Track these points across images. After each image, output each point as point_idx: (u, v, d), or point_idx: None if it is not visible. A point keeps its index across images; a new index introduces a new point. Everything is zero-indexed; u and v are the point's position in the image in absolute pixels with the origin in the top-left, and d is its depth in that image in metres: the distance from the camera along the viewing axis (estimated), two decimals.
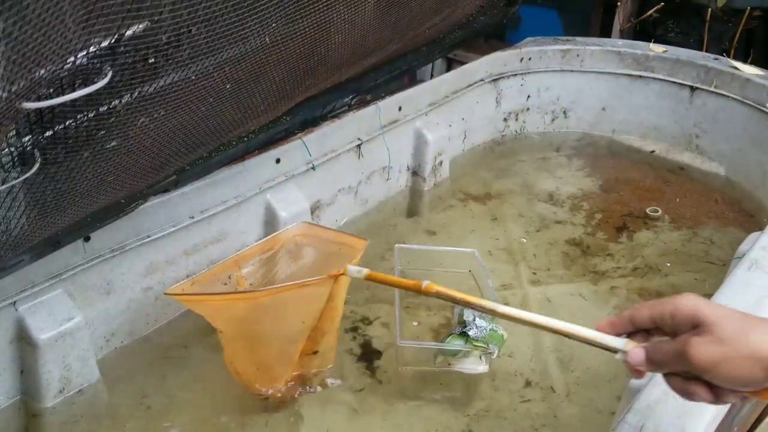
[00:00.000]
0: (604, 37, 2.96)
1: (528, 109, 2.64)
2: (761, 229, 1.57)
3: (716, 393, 0.76)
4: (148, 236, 1.60)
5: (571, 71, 2.59)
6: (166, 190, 1.60)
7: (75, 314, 1.47)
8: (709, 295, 1.38)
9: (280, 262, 1.57)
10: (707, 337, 0.74)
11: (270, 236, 1.59)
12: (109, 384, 1.54)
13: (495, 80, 2.53)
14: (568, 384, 1.59)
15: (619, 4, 3.21)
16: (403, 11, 1.74)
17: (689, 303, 0.77)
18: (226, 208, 1.75)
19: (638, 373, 0.83)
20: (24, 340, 1.43)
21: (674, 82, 2.47)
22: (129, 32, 0.99)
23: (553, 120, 2.67)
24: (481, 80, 2.48)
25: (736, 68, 2.36)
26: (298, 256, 1.57)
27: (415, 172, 2.32)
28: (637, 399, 1.09)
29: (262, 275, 1.54)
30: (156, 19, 1.00)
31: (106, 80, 1.00)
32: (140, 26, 1.00)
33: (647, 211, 2.25)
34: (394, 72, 2.18)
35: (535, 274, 1.96)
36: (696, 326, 0.76)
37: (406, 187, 2.31)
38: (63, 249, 1.42)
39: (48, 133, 1.07)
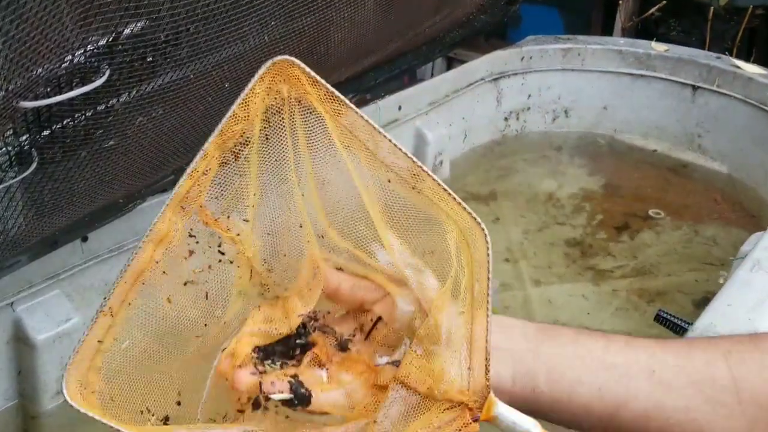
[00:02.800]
0: (605, 36, 2.94)
1: (529, 108, 2.63)
2: (763, 229, 1.56)
3: None
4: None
5: (573, 70, 2.57)
6: (164, 190, 1.59)
7: (73, 315, 1.46)
8: (710, 296, 1.37)
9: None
10: None
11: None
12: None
13: (495, 79, 2.52)
14: None
15: (620, 2, 3.20)
16: (403, 10, 1.73)
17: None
18: None
19: None
20: (21, 341, 1.42)
21: (676, 81, 2.46)
22: (127, 30, 0.98)
23: (554, 119, 2.66)
24: (482, 79, 2.46)
25: (738, 67, 2.35)
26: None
27: None
28: None
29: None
30: (154, 17, 0.99)
31: (103, 79, 0.99)
32: (138, 24, 0.99)
33: (650, 213, 2.24)
34: (394, 71, 2.17)
35: (535, 271, 1.95)
36: None
37: None
38: (61, 249, 1.41)
39: (45, 133, 1.06)
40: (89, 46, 0.95)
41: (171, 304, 0.63)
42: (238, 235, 0.65)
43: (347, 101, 0.62)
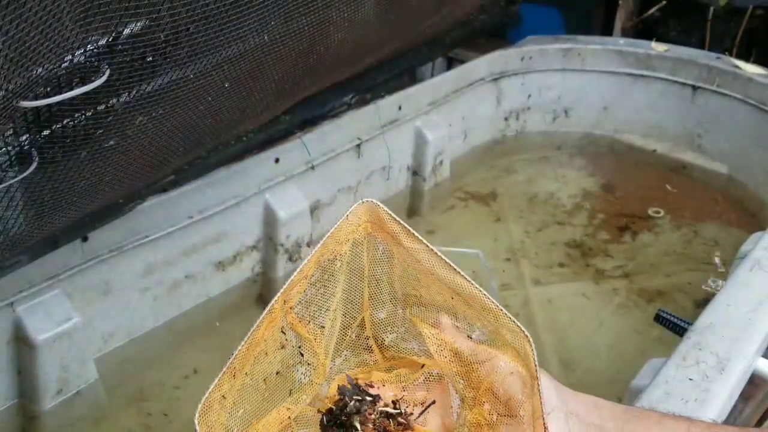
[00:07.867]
0: (605, 36, 2.94)
1: (529, 108, 2.63)
2: (763, 229, 1.56)
3: None
4: (147, 236, 1.59)
5: (573, 70, 2.57)
6: (164, 190, 1.59)
7: (73, 315, 1.46)
8: (710, 297, 1.37)
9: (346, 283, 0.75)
10: None
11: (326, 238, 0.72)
12: (107, 385, 1.53)
13: (496, 79, 2.52)
14: (569, 385, 1.58)
15: (620, 2, 3.20)
16: (404, 9, 1.73)
17: None
18: (224, 208, 1.74)
19: None
20: (22, 341, 1.42)
21: (676, 82, 2.46)
22: (127, 30, 0.98)
23: (554, 119, 2.66)
24: (482, 79, 2.47)
25: (737, 67, 2.35)
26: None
27: (416, 172, 2.31)
28: (638, 400, 1.08)
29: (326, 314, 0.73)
30: (154, 17, 0.99)
31: (103, 79, 0.99)
32: (138, 24, 0.99)
33: (649, 212, 2.24)
34: (394, 71, 2.17)
35: (536, 270, 1.95)
36: None
37: (406, 187, 2.30)
38: (61, 249, 1.41)
39: (45, 132, 1.06)
40: (89, 46, 0.95)
41: (266, 386, 0.69)
42: (316, 339, 0.71)
43: (418, 235, 0.74)
